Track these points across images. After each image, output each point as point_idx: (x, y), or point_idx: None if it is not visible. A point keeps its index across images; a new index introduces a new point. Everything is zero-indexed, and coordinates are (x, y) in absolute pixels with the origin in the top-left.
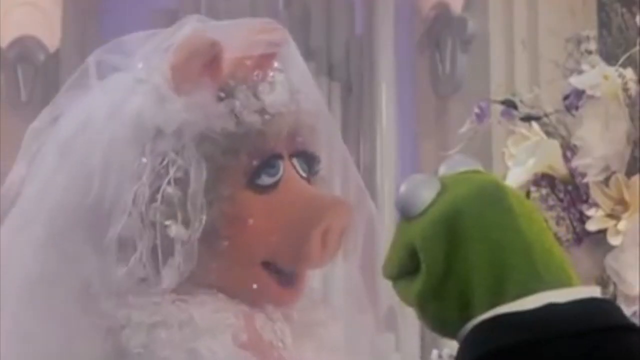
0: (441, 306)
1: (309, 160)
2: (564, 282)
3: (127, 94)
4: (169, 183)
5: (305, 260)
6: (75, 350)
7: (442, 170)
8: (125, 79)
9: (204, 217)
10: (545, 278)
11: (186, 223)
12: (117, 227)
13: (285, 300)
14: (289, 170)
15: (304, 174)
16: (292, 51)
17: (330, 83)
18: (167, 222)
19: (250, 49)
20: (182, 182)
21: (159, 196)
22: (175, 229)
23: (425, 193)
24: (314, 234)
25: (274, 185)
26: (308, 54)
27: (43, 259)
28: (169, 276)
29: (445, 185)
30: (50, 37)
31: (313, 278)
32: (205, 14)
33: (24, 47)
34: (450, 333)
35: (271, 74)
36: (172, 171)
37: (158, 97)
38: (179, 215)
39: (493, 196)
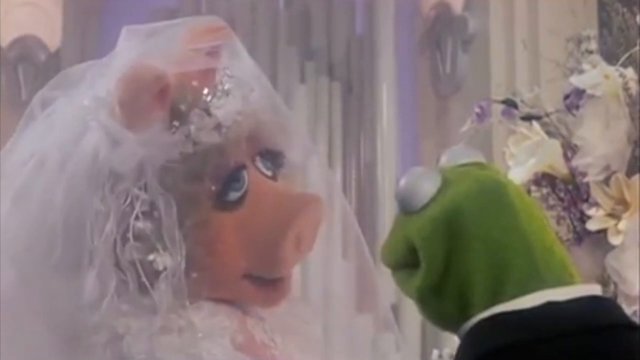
0: (441, 303)
1: (272, 157)
2: (565, 281)
3: (77, 133)
4: (136, 218)
5: (282, 266)
6: None
7: (444, 160)
8: (72, 112)
9: (183, 249)
10: (546, 277)
11: (169, 252)
12: (92, 273)
13: (272, 301)
14: (254, 175)
15: (269, 173)
16: (237, 47)
17: (330, 83)
18: (150, 257)
19: (191, 61)
20: (150, 216)
21: (129, 235)
22: (161, 261)
23: (426, 188)
24: (284, 241)
25: (242, 197)
26: (308, 54)
27: (11, 309)
28: (161, 310)
29: (446, 180)
30: (51, 36)
31: (313, 278)
32: (206, 14)
33: (25, 47)
34: (451, 329)
35: (220, 85)
36: (137, 206)
37: (110, 138)
38: (159, 247)
39: (494, 194)
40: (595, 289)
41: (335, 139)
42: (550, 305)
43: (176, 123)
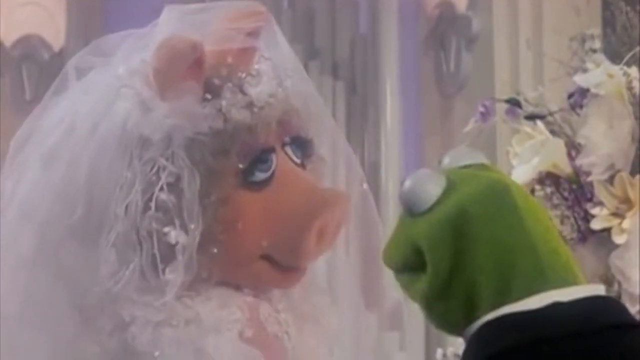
0: (447, 306)
1: (302, 144)
2: (570, 281)
3: (109, 100)
4: (161, 189)
5: (301, 257)
6: (78, 352)
7: (447, 161)
8: (105, 81)
9: (200, 224)
10: (551, 277)
11: (184, 228)
12: (109, 240)
13: (288, 282)
14: (282, 160)
15: (298, 160)
16: (276, 32)
17: (334, 82)
18: (166, 229)
19: (230, 40)
20: (174, 188)
21: (152, 204)
22: (175, 235)
23: (431, 190)
24: (309, 231)
25: (268, 179)
26: (312, 53)
27: (34, 276)
28: (172, 284)
29: (451, 182)
30: (55, 36)
31: (316, 278)
32: None
33: (29, 46)
34: (456, 332)
35: (256, 65)
36: (163, 177)
37: (142, 104)
38: (177, 221)
39: (499, 196)
40: (600, 289)
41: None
42: (556, 306)
43: (208, 96)
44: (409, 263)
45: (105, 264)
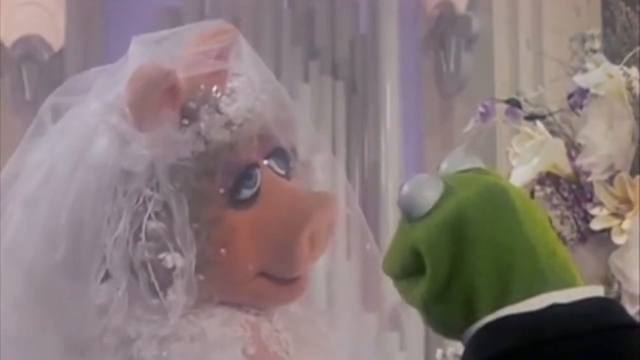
0: (446, 309)
1: (284, 155)
2: (569, 283)
3: (87, 138)
4: (149, 218)
5: (297, 266)
6: None
7: (444, 167)
8: (82, 119)
9: (194, 248)
10: (550, 279)
11: (179, 251)
12: (100, 274)
13: (289, 297)
14: (266, 174)
15: (282, 172)
16: (244, 49)
17: (334, 82)
18: (161, 256)
19: (200, 65)
20: (163, 215)
21: (142, 234)
22: (171, 259)
23: (429, 195)
24: (300, 239)
25: (255, 196)
26: (312, 53)
27: (25, 319)
28: (175, 308)
29: (448, 187)
30: (55, 36)
31: (316, 279)
32: (209, 13)
33: (29, 46)
34: (455, 335)
35: (230, 84)
36: (150, 207)
37: (120, 138)
38: (170, 246)
39: (497, 199)
40: (599, 290)
41: (338, 138)
42: (555, 307)
43: (186, 121)
44: (408, 268)
45: (98, 297)
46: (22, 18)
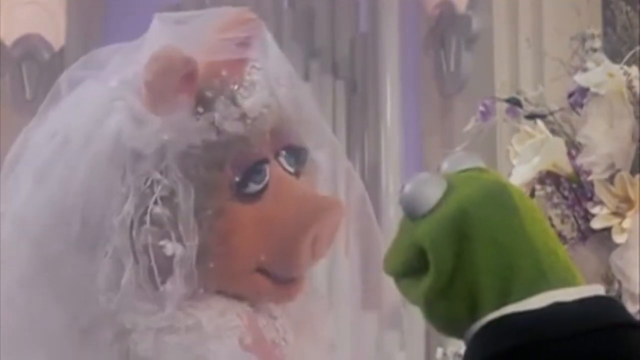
0: (449, 306)
1: (296, 153)
2: (570, 282)
3: (102, 113)
4: (155, 203)
5: (296, 267)
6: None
7: (445, 167)
8: (97, 94)
9: (197, 237)
10: (551, 278)
11: (181, 241)
12: (106, 254)
13: (285, 297)
14: (276, 170)
15: (291, 169)
16: (267, 40)
17: (334, 81)
18: (162, 243)
19: (222, 51)
20: (168, 201)
21: (147, 218)
22: (171, 247)
23: (431, 193)
24: (303, 241)
25: (262, 191)
26: (312, 53)
27: (32, 293)
28: (172, 297)
29: (450, 185)
30: (55, 35)
31: (316, 277)
32: None
33: (29, 45)
34: (457, 333)
35: (248, 76)
36: (157, 191)
37: (134, 118)
38: (172, 234)
39: (499, 198)
40: (600, 289)
41: (339, 137)
42: (557, 306)
43: (201, 109)
44: (411, 266)
45: (102, 277)
46: (23, 17)
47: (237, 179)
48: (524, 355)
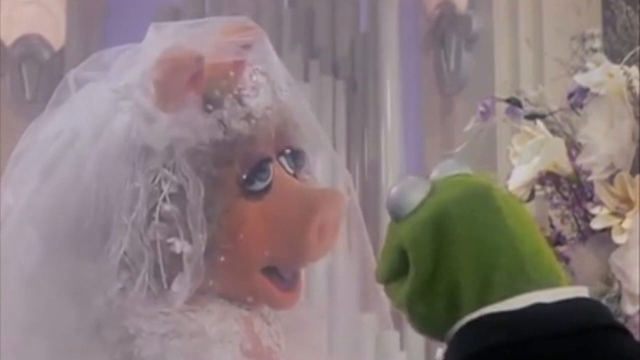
0: (429, 307)
1: (295, 155)
2: (553, 283)
3: (109, 113)
4: (164, 200)
5: (305, 256)
6: None
7: (434, 174)
8: (102, 94)
9: (205, 233)
10: (534, 278)
11: (189, 238)
12: (117, 252)
13: (286, 303)
14: (278, 170)
15: (291, 171)
16: (268, 48)
17: (334, 81)
18: (170, 240)
19: (227, 52)
20: (177, 198)
21: (156, 215)
22: (180, 245)
23: (414, 194)
24: (309, 229)
25: (266, 189)
26: (312, 52)
27: (38, 290)
28: (179, 295)
29: (434, 187)
30: (55, 35)
31: (316, 278)
32: (210, 13)
33: (29, 46)
34: (438, 334)
35: (254, 78)
36: (166, 188)
37: (144, 115)
38: (181, 232)
39: (481, 197)
40: (583, 291)
41: (339, 137)
42: (538, 307)
43: (210, 107)
44: (396, 268)
45: (112, 276)
46: (23, 17)
47: (244, 176)
48: (503, 355)
